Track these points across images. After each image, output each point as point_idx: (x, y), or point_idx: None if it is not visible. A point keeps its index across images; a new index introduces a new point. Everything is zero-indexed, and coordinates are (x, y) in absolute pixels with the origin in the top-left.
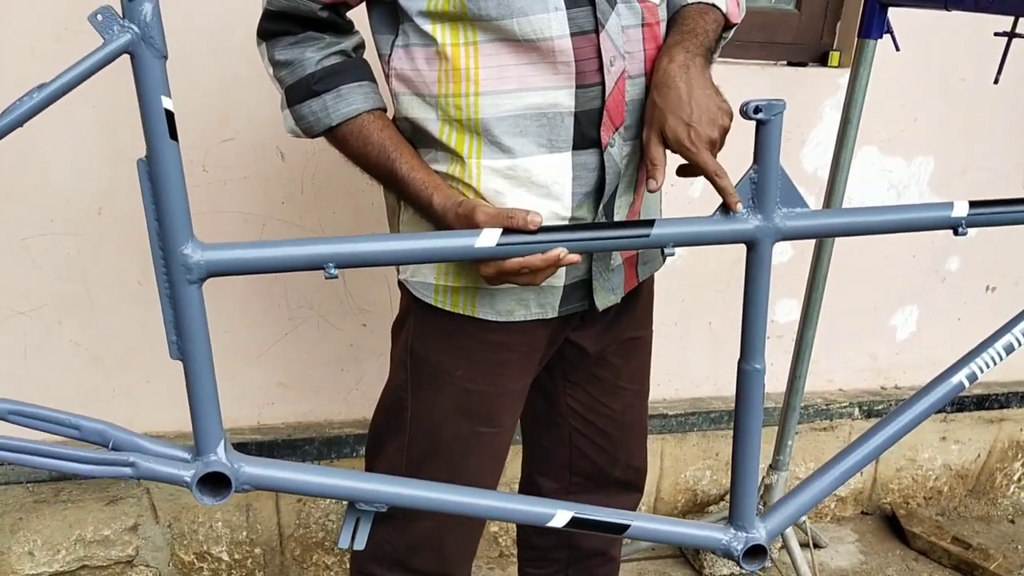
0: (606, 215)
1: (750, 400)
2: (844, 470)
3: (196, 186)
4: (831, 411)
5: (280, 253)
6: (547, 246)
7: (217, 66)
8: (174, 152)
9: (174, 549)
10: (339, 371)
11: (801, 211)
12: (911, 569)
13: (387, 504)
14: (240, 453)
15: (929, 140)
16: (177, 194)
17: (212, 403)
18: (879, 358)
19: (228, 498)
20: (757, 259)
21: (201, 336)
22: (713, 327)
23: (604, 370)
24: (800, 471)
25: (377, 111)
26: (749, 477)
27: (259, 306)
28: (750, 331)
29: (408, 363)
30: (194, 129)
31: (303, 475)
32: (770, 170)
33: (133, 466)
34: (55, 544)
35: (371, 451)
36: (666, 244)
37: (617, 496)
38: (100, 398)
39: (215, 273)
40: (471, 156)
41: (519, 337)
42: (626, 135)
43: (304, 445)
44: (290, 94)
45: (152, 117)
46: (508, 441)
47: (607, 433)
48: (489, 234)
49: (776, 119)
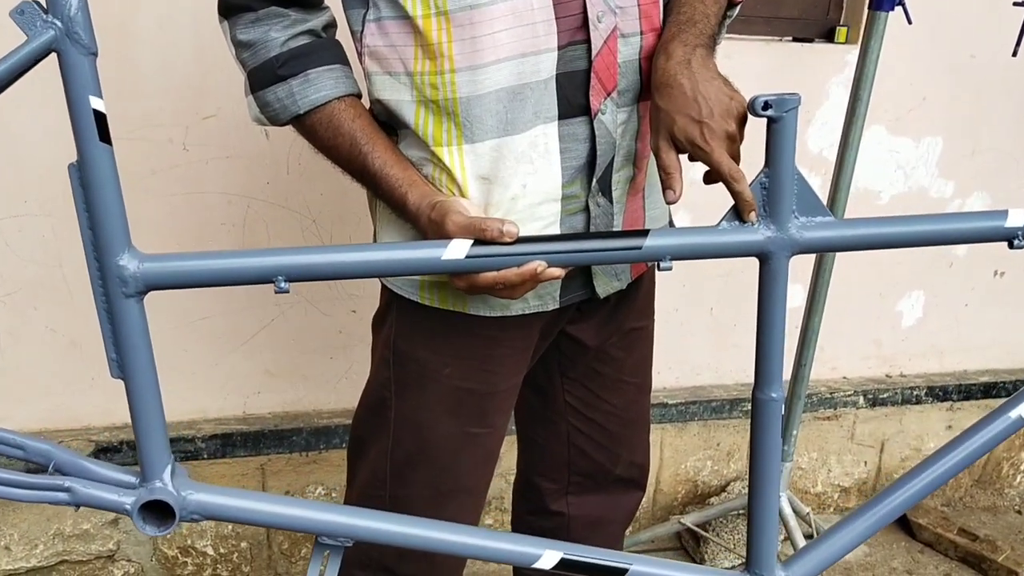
0: (602, 191)
1: (767, 433)
2: (888, 511)
3: (176, 166)
4: (835, 400)
5: (225, 265)
6: (523, 259)
7: (195, 38)
8: (107, 156)
9: (157, 543)
10: (328, 359)
11: (822, 220)
12: (917, 561)
13: (353, 539)
14: (191, 480)
15: (938, 120)
16: (111, 201)
17: (157, 425)
18: (884, 345)
19: (172, 529)
20: (770, 275)
21: (142, 353)
22: (715, 313)
23: (605, 364)
24: (803, 462)
25: (349, 97)
26: (768, 520)
27: (243, 291)
28: (766, 356)
29: (391, 361)
30: (173, 106)
31: (258, 504)
32: (784, 173)
33: (70, 491)
34: (32, 539)
35: (353, 453)
36: (662, 257)
37: (618, 495)
38: (79, 386)
39: (155, 286)
40: (451, 142)
41: (513, 331)
42: (620, 101)
43: (292, 436)
44: (253, 79)
45: (81, 119)
46: (500, 441)
47: (608, 430)
48: (458, 246)
49: (789, 115)
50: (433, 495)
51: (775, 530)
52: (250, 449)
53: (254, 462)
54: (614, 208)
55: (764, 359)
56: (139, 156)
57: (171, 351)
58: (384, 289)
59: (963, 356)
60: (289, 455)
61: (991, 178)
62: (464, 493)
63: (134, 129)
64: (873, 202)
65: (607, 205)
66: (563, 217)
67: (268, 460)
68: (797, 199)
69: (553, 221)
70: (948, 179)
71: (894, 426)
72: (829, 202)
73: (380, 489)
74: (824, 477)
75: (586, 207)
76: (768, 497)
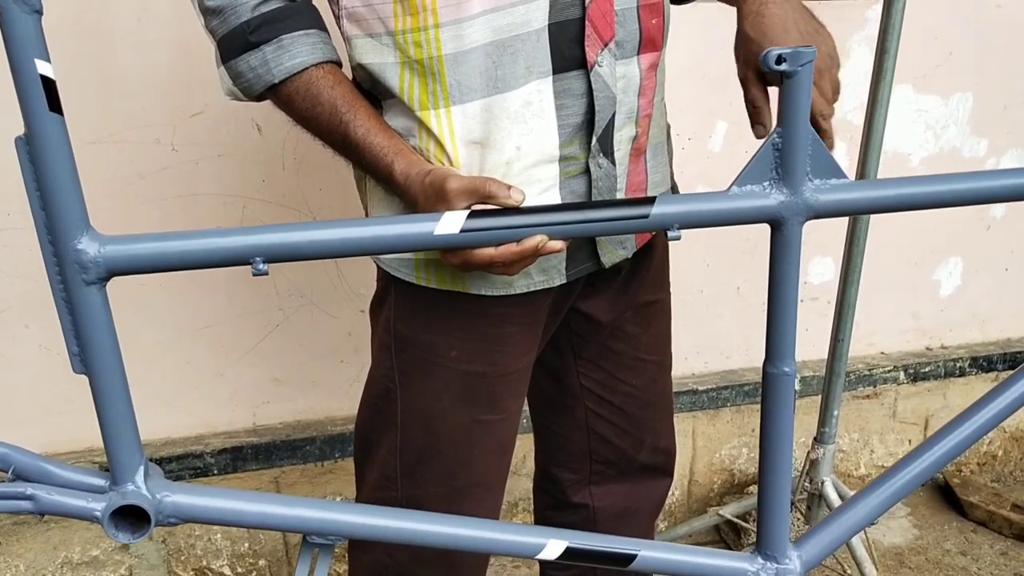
0: (603, 151)
1: (779, 409)
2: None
3: (166, 168)
4: (874, 377)
5: (197, 246)
6: (523, 232)
7: (176, 31)
8: (57, 127)
9: (171, 566)
10: (338, 363)
11: (837, 182)
12: (970, 541)
13: (343, 536)
14: (167, 481)
15: (966, 75)
16: (65, 177)
17: (126, 424)
18: (923, 317)
19: (147, 534)
20: (783, 241)
21: (107, 346)
22: (742, 292)
23: (620, 342)
24: (844, 443)
25: (327, 64)
26: (779, 498)
27: (245, 296)
28: (778, 327)
29: (392, 347)
30: (157, 104)
31: (239, 504)
32: (798, 133)
33: (33, 499)
34: (39, 569)
35: (360, 454)
36: (669, 226)
37: (645, 483)
38: (78, 405)
39: (118, 271)
40: (437, 104)
41: (520, 307)
42: (619, 53)
43: (305, 445)
44: (223, 48)
45: (27, 86)
46: (515, 429)
47: (628, 413)
48: (451, 219)
49: (804, 71)
50: (448, 492)
51: (786, 509)
52: (262, 462)
53: (267, 475)
54: (617, 170)
55: (776, 331)
56: (125, 159)
57: (174, 363)
58: (380, 270)
59: (1006, 323)
60: (303, 466)
61: None
62: (480, 488)
63: (117, 131)
64: (903, 165)
65: (609, 167)
66: (562, 180)
67: (282, 472)
68: (811, 160)
69: (552, 185)
70: (981, 137)
71: (938, 401)
72: (859, 167)
73: (391, 490)
74: (867, 459)
75: (586, 169)
76: (780, 476)
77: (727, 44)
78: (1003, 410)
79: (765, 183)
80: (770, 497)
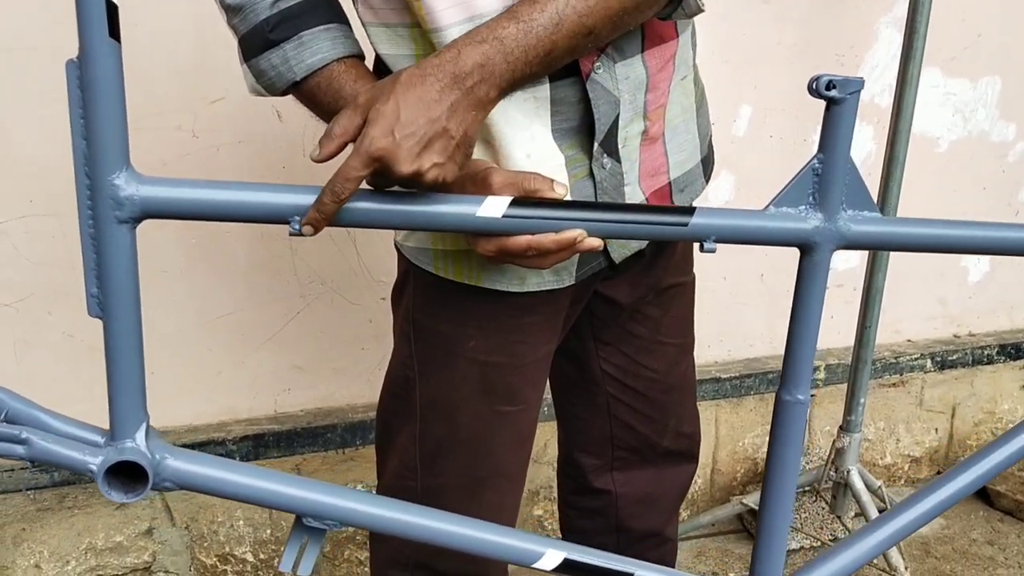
0: (607, 151)
1: (789, 438)
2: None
3: (187, 154)
4: (901, 364)
5: (236, 198)
6: (564, 224)
7: (194, 18)
8: (113, 54)
9: (194, 552)
10: (359, 350)
11: (870, 215)
12: (997, 531)
13: (339, 521)
14: (167, 444)
15: (995, 58)
16: (113, 108)
17: (134, 376)
18: (950, 303)
19: (143, 495)
20: (812, 267)
21: (128, 290)
22: (766, 280)
23: (640, 325)
24: (870, 432)
25: (350, 59)
26: (778, 532)
27: (266, 283)
28: (796, 354)
29: (411, 336)
30: (178, 91)
31: (238, 476)
32: (839, 161)
33: (26, 444)
34: (63, 555)
35: (381, 442)
36: (706, 237)
37: (669, 468)
38: (102, 392)
39: (152, 213)
40: None
41: (538, 298)
42: (618, 56)
43: (326, 433)
44: (245, 46)
45: (89, 8)
46: (535, 418)
47: (650, 398)
48: (494, 203)
49: (852, 99)
50: (467, 482)
51: (783, 544)
52: (283, 449)
53: (288, 462)
54: (623, 167)
55: (794, 357)
56: (148, 146)
57: (196, 351)
58: (401, 258)
59: None
60: (324, 453)
61: None
62: (501, 478)
63: (140, 118)
64: (931, 150)
65: (614, 165)
66: (571, 183)
67: (303, 460)
68: (847, 190)
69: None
70: (1009, 121)
71: (965, 389)
72: (887, 150)
73: (411, 479)
74: (893, 448)
75: (591, 172)
76: (782, 507)
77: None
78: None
79: (802, 207)
80: (768, 528)
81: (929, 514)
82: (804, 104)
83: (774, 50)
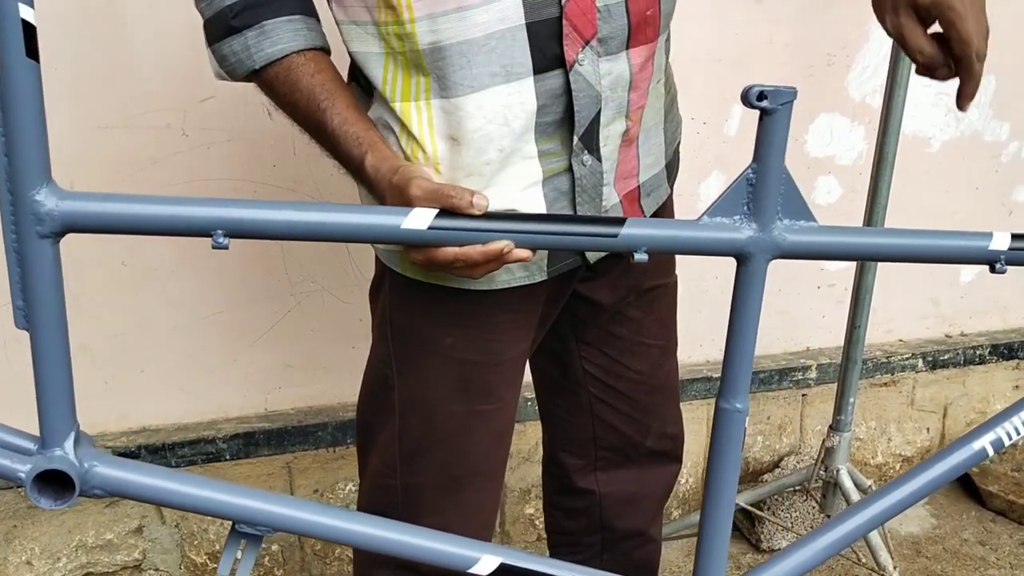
0: (587, 148)
1: (727, 446)
2: (839, 537)
3: (177, 152)
4: (892, 364)
5: (157, 212)
6: (490, 236)
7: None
8: (32, 74)
9: (184, 550)
10: (350, 349)
11: (806, 225)
12: (989, 531)
13: (271, 528)
14: (98, 451)
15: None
16: (32, 125)
17: (62, 386)
18: (942, 303)
19: (71, 502)
20: (748, 277)
21: (52, 303)
22: None
23: (622, 326)
24: (861, 431)
25: (311, 51)
26: (719, 540)
27: (257, 282)
28: (734, 364)
29: (389, 334)
30: (168, 89)
31: (168, 483)
32: (772, 171)
33: None
34: (55, 552)
35: (362, 442)
36: (637, 248)
37: (652, 469)
38: (91, 391)
39: (74, 228)
40: (419, 97)
41: (512, 296)
42: (603, 50)
43: (317, 431)
44: (208, 31)
45: (6, 29)
46: (512, 416)
47: (633, 399)
48: (421, 215)
49: (784, 109)
50: (446, 481)
51: (725, 551)
52: (274, 447)
53: (279, 461)
54: (604, 165)
55: (731, 366)
56: (138, 145)
57: (186, 349)
58: (377, 257)
59: None
60: (315, 451)
61: None
62: (479, 477)
63: (131, 116)
64: (923, 150)
65: (595, 163)
66: (545, 178)
67: (294, 458)
68: (783, 200)
69: (533, 183)
70: (1003, 121)
71: (957, 389)
72: (877, 151)
73: (391, 478)
74: (884, 447)
75: (570, 167)
76: (722, 514)
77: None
78: (951, 471)
79: (736, 217)
80: (709, 536)
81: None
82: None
83: (766, 49)
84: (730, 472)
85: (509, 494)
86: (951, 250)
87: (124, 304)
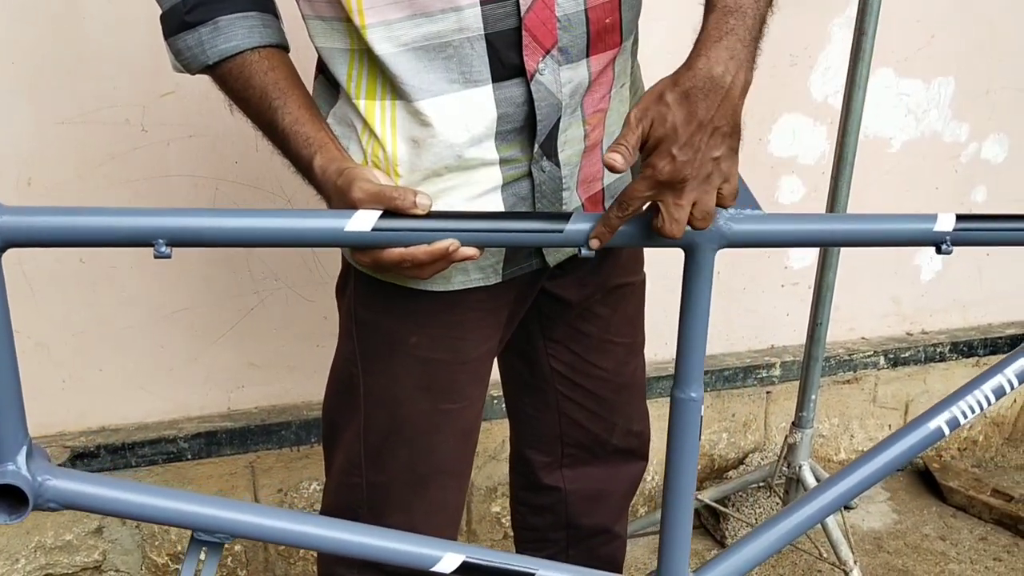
0: (546, 154)
1: (684, 435)
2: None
3: (136, 148)
4: (854, 362)
5: (98, 224)
6: (434, 235)
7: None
8: None
9: (145, 551)
10: (314, 347)
11: (752, 213)
12: (949, 526)
13: (228, 535)
14: (51, 465)
15: (949, 58)
16: None
17: (11, 401)
18: (903, 302)
19: (24, 517)
20: (695, 268)
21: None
22: (722, 278)
23: (589, 324)
24: (824, 428)
25: (267, 49)
26: (681, 526)
27: (219, 279)
28: (686, 354)
29: (354, 332)
30: (127, 84)
31: (124, 494)
32: None
33: None
34: (13, 553)
35: (328, 440)
36: (583, 243)
37: (618, 466)
38: (49, 390)
39: (14, 243)
40: (384, 96)
41: (474, 295)
42: (563, 59)
43: (281, 430)
44: (164, 24)
45: None
46: (478, 414)
47: (600, 397)
48: (364, 217)
49: None
50: (412, 479)
51: (687, 537)
52: (237, 447)
53: (242, 460)
54: (562, 171)
55: (685, 356)
56: (95, 140)
57: (147, 347)
58: (343, 253)
59: (987, 308)
60: (279, 451)
61: (1008, 117)
62: (445, 475)
63: (88, 112)
64: (883, 150)
65: (553, 169)
66: (504, 184)
67: (257, 457)
68: None
69: (492, 188)
70: (962, 121)
71: (918, 386)
72: (837, 151)
73: (356, 476)
74: (847, 443)
75: (529, 172)
76: (682, 501)
77: None
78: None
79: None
80: (672, 523)
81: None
82: (760, 103)
83: None
84: (688, 461)
85: (475, 492)
86: (896, 233)
87: (83, 301)
